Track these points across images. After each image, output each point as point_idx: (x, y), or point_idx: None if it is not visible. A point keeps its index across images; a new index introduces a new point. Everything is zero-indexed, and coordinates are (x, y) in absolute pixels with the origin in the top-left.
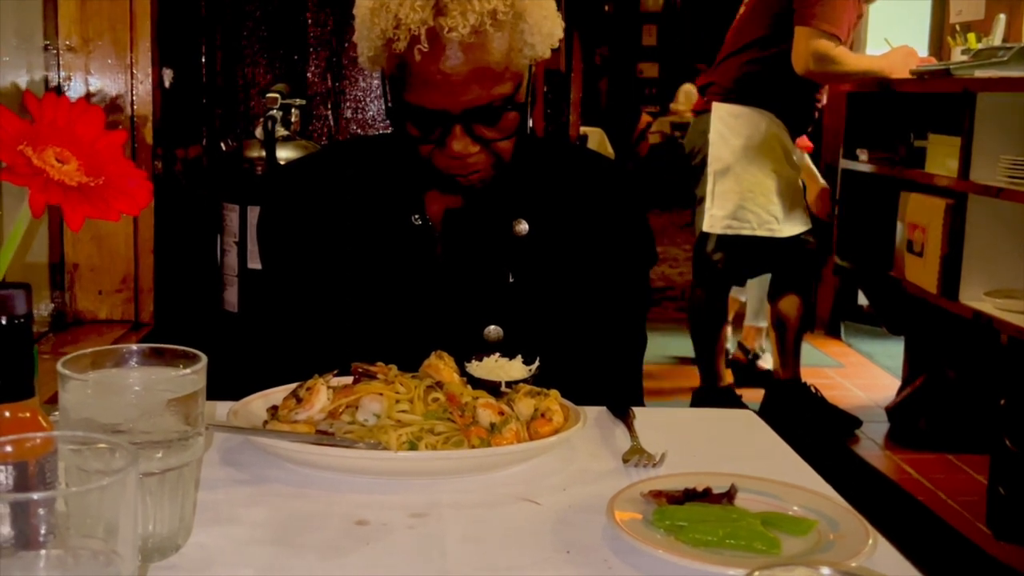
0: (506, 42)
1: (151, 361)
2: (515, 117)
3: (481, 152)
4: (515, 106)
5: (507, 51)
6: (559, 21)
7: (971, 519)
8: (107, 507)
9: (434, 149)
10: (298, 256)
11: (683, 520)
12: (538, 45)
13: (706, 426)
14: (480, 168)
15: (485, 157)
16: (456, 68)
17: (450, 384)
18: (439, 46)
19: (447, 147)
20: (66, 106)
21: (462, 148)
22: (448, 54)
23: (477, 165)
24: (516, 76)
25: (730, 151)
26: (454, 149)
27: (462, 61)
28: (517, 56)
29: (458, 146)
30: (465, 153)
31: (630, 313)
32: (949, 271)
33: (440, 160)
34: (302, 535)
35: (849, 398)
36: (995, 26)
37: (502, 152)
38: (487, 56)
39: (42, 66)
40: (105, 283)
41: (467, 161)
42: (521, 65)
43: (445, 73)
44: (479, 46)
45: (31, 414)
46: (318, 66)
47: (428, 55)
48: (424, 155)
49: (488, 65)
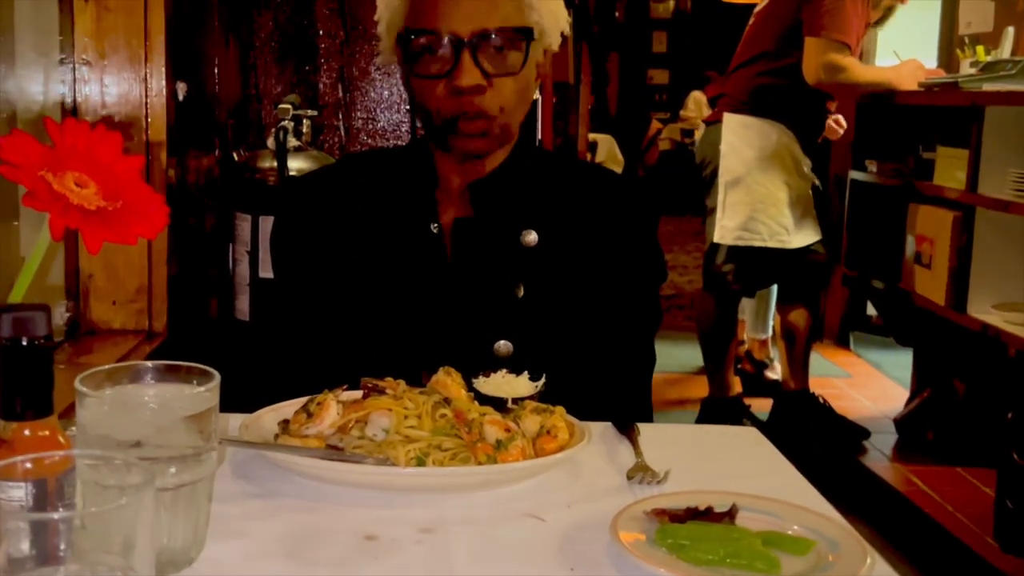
0: None
1: (166, 378)
2: (521, 55)
3: (488, 89)
4: (521, 30)
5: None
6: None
7: (978, 532)
8: (124, 524)
9: (445, 93)
10: (310, 268)
11: (685, 539)
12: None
13: (710, 443)
14: (486, 111)
15: (492, 97)
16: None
17: (458, 400)
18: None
19: (457, 77)
20: (85, 131)
21: (471, 79)
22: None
23: (483, 104)
24: (524, 7)
25: (741, 162)
26: (463, 81)
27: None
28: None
29: (467, 78)
30: (473, 83)
31: (639, 330)
32: (957, 283)
33: (448, 103)
34: (312, 549)
35: (857, 409)
36: (1003, 39)
37: (509, 100)
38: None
39: (59, 80)
40: (119, 293)
41: (475, 101)
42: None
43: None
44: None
45: (50, 432)
46: (329, 77)
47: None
48: (434, 104)
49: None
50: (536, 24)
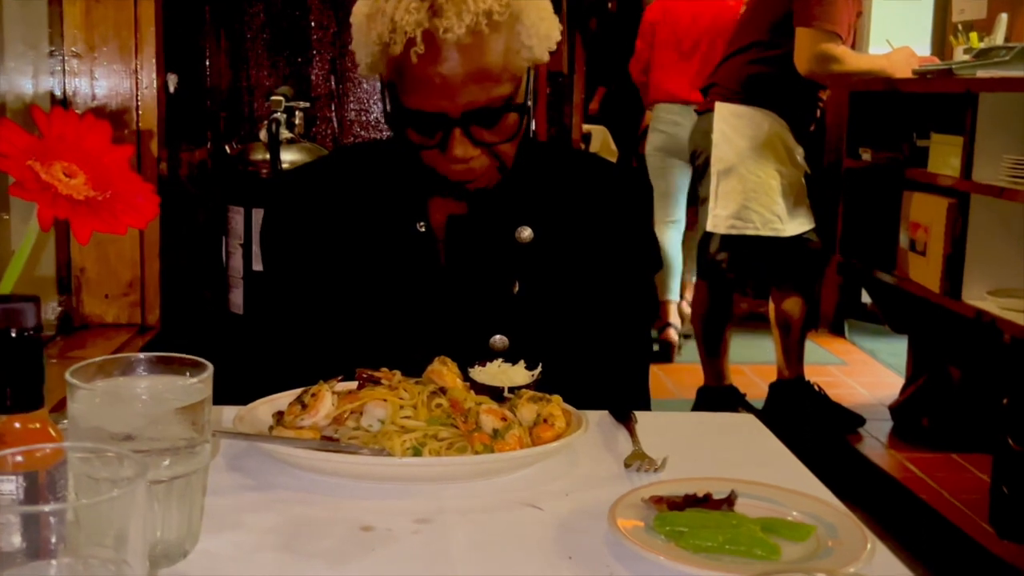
0: (503, 43)
1: (158, 369)
2: (515, 120)
3: (482, 155)
4: (515, 108)
5: (504, 52)
6: (556, 23)
7: (974, 517)
8: (117, 517)
9: (436, 155)
10: (301, 262)
11: (683, 526)
12: (535, 47)
13: (707, 430)
14: (482, 172)
15: (487, 161)
16: (453, 70)
17: (453, 390)
18: (435, 48)
19: (448, 151)
20: (74, 120)
21: (463, 152)
22: (445, 56)
23: (479, 170)
24: (514, 78)
25: (733, 151)
26: (455, 153)
27: (459, 63)
28: (515, 57)
29: (459, 150)
30: (466, 157)
31: (635, 320)
32: (952, 270)
33: (442, 166)
34: (308, 541)
35: (853, 396)
36: (997, 26)
37: (503, 155)
38: (484, 57)
39: (48, 72)
40: (112, 287)
41: (469, 165)
42: (519, 67)
43: (443, 75)
44: (476, 47)
45: (41, 424)
46: (322, 68)
47: (425, 57)
48: (427, 162)
49: (485, 67)
50: (528, 60)
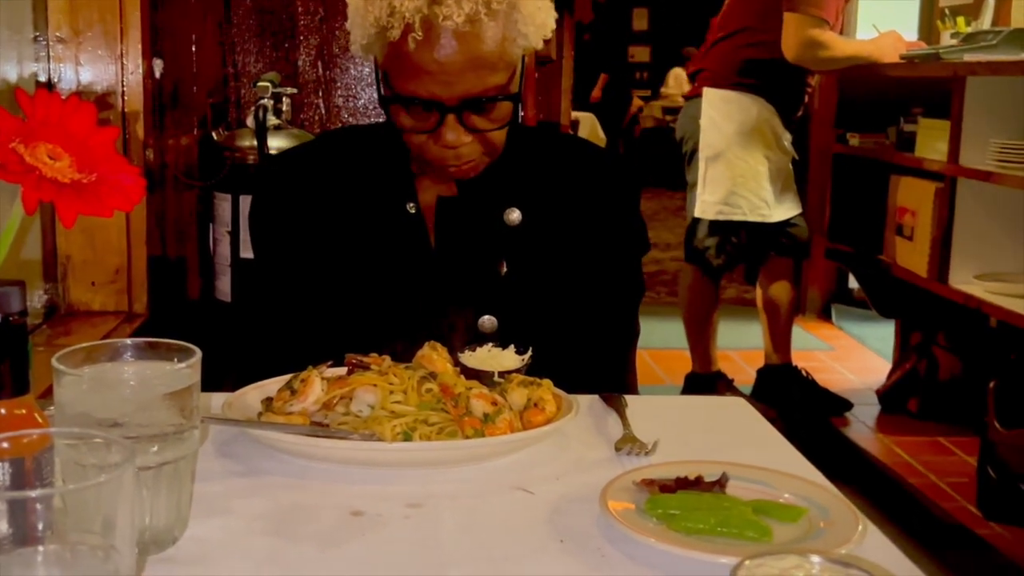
0: (500, 32)
1: (146, 355)
2: (508, 107)
3: (474, 142)
4: (508, 96)
5: (501, 41)
6: (552, 12)
7: (961, 500)
8: (104, 503)
9: (427, 139)
10: (290, 246)
11: (675, 508)
12: (531, 35)
13: (698, 414)
14: (472, 158)
15: (477, 147)
16: (450, 57)
17: (443, 375)
18: (434, 35)
19: (440, 137)
20: (58, 103)
21: (455, 138)
22: (443, 43)
23: (470, 155)
24: (510, 66)
25: (721, 137)
26: (447, 139)
27: (457, 50)
28: (511, 46)
29: (451, 136)
30: (458, 143)
31: (623, 302)
32: (939, 255)
33: (432, 150)
34: (298, 526)
35: (840, 381)
36: (984, 10)
37: (494, 141)
38: (481, 46)
39: (32, 57)
40: (98, 274)
41: (460, 151)
42: (514, 55)
43: (440, 62)
44: (474, 35)
45: (27, 410)
46: (309, 54)
47: (422, 44)
48: (416, 145)
49: (482, 55)
50: (523, 48)
